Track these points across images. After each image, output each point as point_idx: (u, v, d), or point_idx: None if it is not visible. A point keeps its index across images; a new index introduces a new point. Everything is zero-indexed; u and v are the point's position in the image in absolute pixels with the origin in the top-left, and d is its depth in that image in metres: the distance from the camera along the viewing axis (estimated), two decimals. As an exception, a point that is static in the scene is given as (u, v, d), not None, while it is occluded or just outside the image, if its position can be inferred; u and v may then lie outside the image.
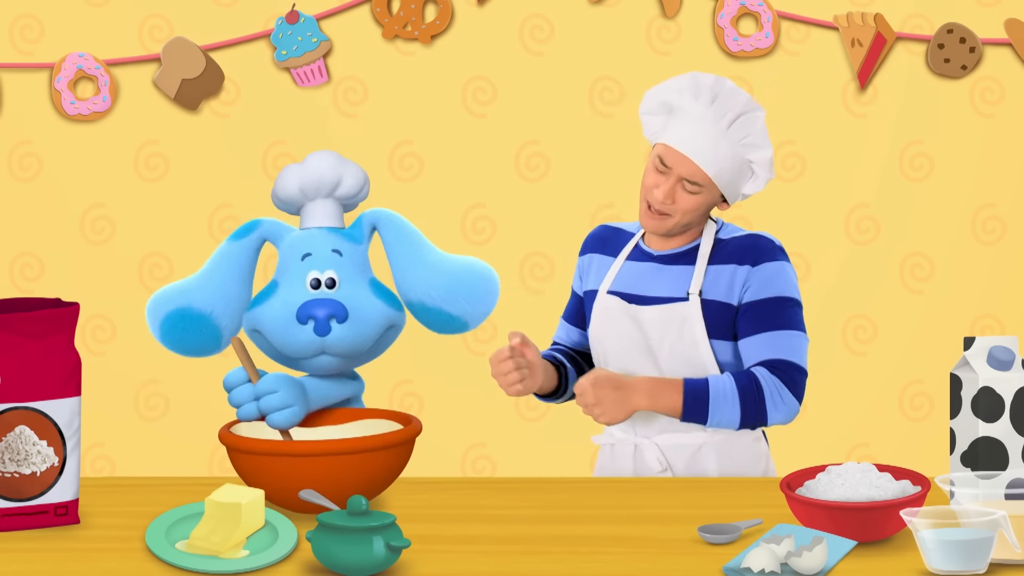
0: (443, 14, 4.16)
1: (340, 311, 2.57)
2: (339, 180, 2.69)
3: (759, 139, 2.84)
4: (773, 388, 2.77)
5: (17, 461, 2.37)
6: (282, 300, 2.61)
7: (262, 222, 2.70)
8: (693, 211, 2.83)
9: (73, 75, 4.13)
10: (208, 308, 2.64)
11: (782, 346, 2.81)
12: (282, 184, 2.68)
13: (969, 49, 4.14)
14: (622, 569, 2.16)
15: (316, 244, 2.64)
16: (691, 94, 2.86)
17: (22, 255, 4.23)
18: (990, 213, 4.22)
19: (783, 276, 2.85)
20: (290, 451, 2.38)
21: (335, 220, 2.70)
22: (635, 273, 2.92)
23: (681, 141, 2.81)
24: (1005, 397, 2.47)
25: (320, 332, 2.57)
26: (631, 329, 2.87)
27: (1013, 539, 2.10)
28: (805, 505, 2.25)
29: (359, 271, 2.65)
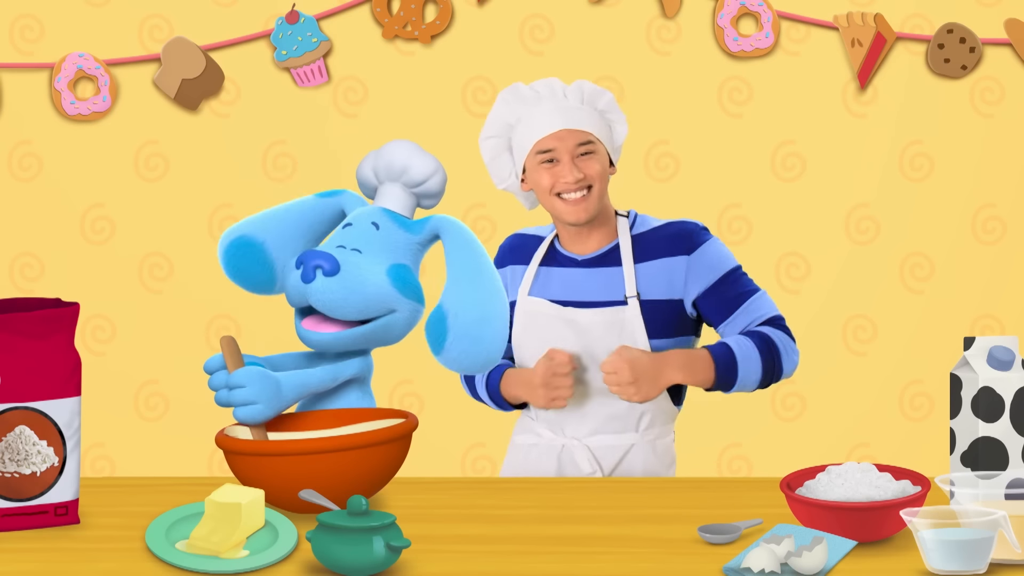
0: (443, 14, 4.16)
1: (331, 264, 2.54)
2: (407, 166, 2.67)
3: (595, 92, 2.91)
4: (783, 340, 2.88)
5: (17, 461, 2.37)
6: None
7: (347, 191, 2.72)
8: (600, 178, 2.87)
9: (73, 75, 4.13)
10: (261, 237, 2.65)
11: (764, 306, 2.90)
12: (361, 166, 2.72)
13: (969, 49, 4.14)
14: (622, 569, 2.16)
15: (362, 217, 2.63)
16: (517, 101, 2.92)
17: (22, 255, 4.23)
18: (990, 213, 4.22)
19: (721, 251, 2.91)
20: (286, 451, 2.39)
21: (398, 204, 2.68)
22: (562, 278, 2.94)
23: (548, 125, 2.87)
24: (1005, 397, 2.47)
25: (305, 278, 2.54)
26: (564, 332, 2.89)
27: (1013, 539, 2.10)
28: (805, 505, 2.25)
29: (388, 251, 2.61)
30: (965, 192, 4.22)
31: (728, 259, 2.91)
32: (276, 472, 2.39)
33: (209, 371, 2.57)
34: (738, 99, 4.20)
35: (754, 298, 2.90)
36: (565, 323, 2.89)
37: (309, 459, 2.38)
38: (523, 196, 3.00)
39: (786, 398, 4.23)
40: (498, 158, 2.96)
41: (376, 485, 2.46)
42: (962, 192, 4.22)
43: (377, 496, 2.56)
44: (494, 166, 2.97)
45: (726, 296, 2.88)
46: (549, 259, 2.97)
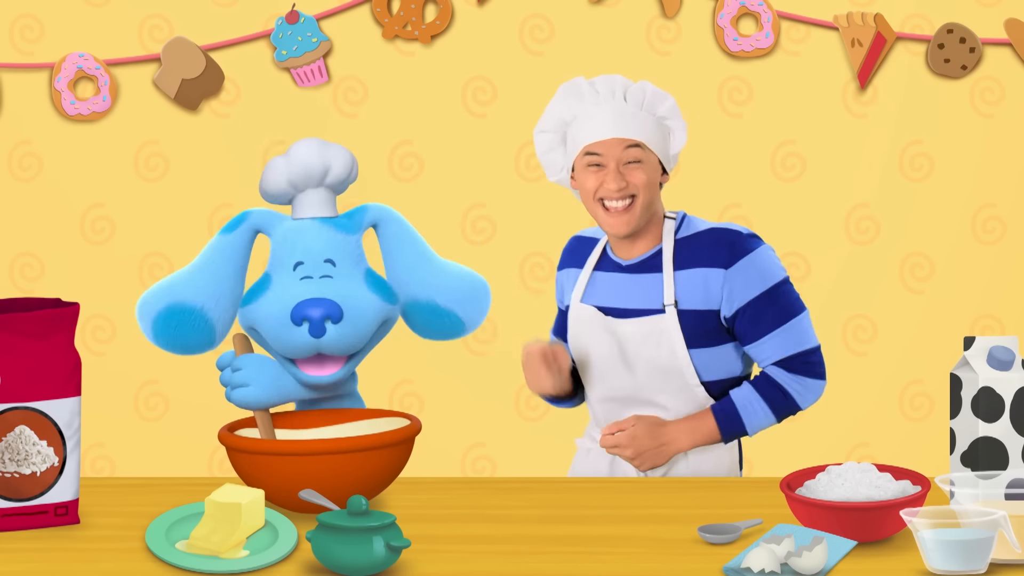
0: (443, 14, 4.16)
1: (335, 311, 2.53)
2: (327, 167, 2.63)
3: (655, 96, 2.86)
4: (794, 384, 2.82)
5: (17, 461, 2.37)
6: (276, 296, 2.57)
7: (251, 213, 2.65)
8: (646, 188, 2.81)
9: (73, 75, 4.13)
10: (199, 302, 2.60)
11: (790, 340, 2.80)
12: (269, 178, 2.63)
13: (969, 49, 4.14)
14: (622, 569, 2.16)
15: (308, 245, 2.59)
16: (575, 98, 2.88)
17: (22, 255, 4.23)
18: (990, 213, 4.22)
19: (762, 263, 2.80)
20: (289, 451, 2.38)
21: (327, 209, 2.65)
22: (607, 284, 2.90)
23: (599, 130, 2.82)
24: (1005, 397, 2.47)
25: (315, 334, 2.53)
26: (609, 341, 2.86)
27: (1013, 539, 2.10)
28: (805, 505, 2.25)
29: (353, 263, 2.61)
30: (965, 192, 4.22)
31: (768, 272, 2.79)
32: (278, 471, 2.39)
33: (221, 367, 2.57)
34: (738, 99, 4.20)
35: (791, 324, 2.80)
36: (607, 331, 2.86)
37: (311, 459, 2.38)
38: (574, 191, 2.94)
39: (786, 398, 4.23)
40: (551, 152, 2.91)
41: (377, 488, 2.46)
42: (962, 192, 4.22)
43: (377, 496, 2.56)
44: (547, 159, 2.92)
45: (761, 316, 2.78)
46: (601, 263, 2.93)
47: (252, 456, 2.41)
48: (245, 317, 2.62)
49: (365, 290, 2.60)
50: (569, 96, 2.88)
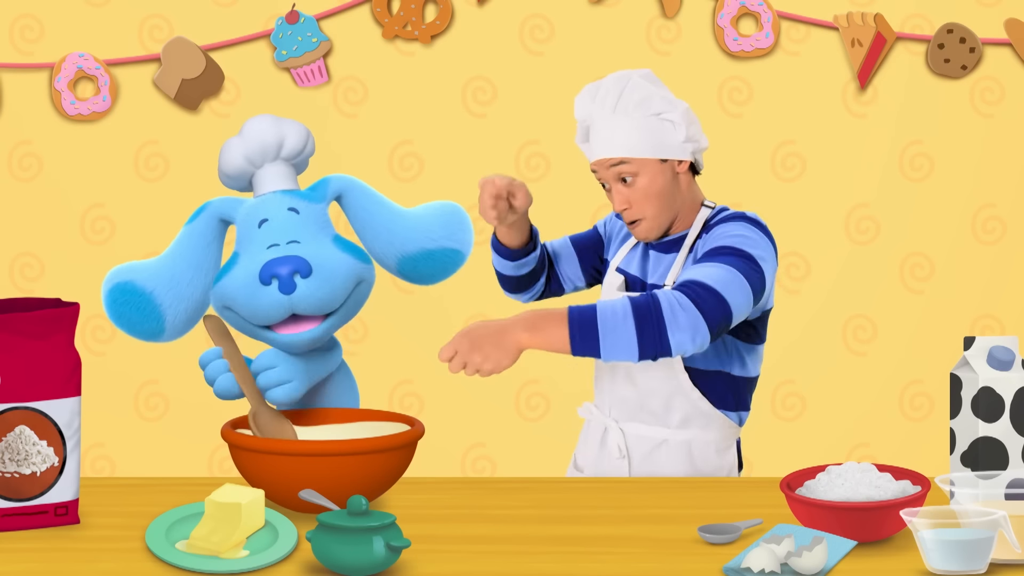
0: (443, 14, 4.16)
1: (303, 266, 2.49)
2: (282, 140, 2.61)
3: (643, 92, 2.81)
4: (673, 303, 2.48)
5: (17, 461, 2.37)
6: (243, 267, 2.54)
7: (211, 202, 2.63)
8: (649, 198, 2.80)
9: (73, 75, 4.13)
10: (149, 287, 2.59)
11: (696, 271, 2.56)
12: (226, 158, 2.61)
13: (969, 49, 4.14)
14: (622, 569, 2.16)
15: (271, 207, 2.57)
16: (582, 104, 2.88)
17: (22, 255, 4.23)
18: (990, 213, 4.22)
19: (733, 231, 2.68)
20: (292, 450, 2.38)
21: (288, 182, 2.63)
22: (637, 257, 2.94)
23: (591, 152, 2.84)
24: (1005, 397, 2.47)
25: (285, 289, 2.49)
26: None
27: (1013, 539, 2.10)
28: (805, 505, 2.25)
29: (319, 228, 2.58)
30: (965, 192, 4.22)
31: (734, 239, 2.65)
32: (280, 471, 2.39)
33: (206, 362, 2.55)
34: (738, 99, 4.20)
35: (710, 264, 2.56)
36: None
37: (314, 460, 2.38)
38: None
39: (786, 398, 4.23)
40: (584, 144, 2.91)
41: (378, 490, 2.46)
42: (962, 192, 4.22)
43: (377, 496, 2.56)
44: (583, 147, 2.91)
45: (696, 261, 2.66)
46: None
47: (255, 454, 2.41)
48: (217, 298, 2.59)
49: (334, 249, 2.57)
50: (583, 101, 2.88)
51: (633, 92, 2.83)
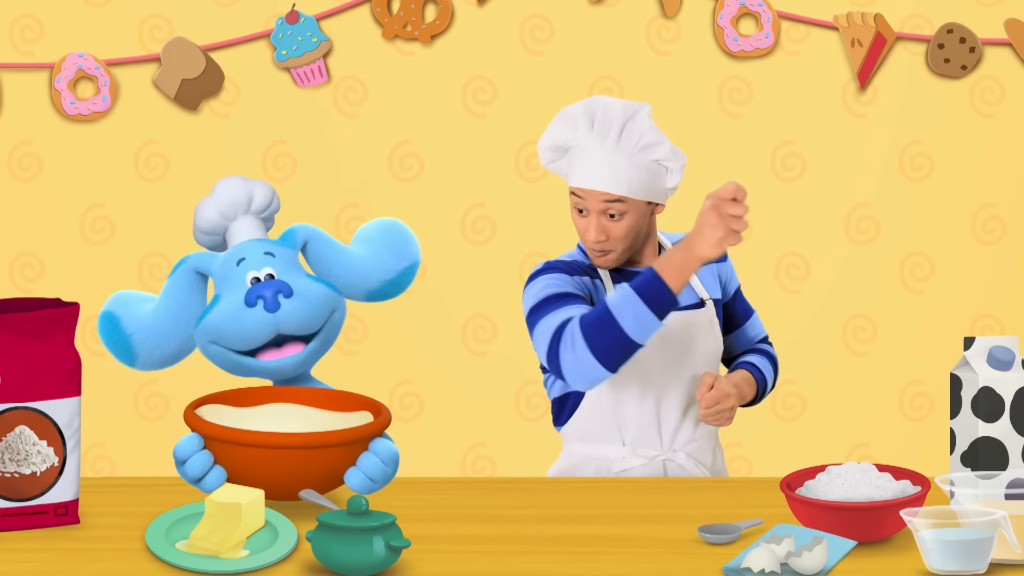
0: (443, 14, 4.16)
1: (285, 287, 2.62)
2: (251, 195, 2.76)
3: (651, 136, 2.81)
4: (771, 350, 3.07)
5: (17, 461, 2.37)
6: (226, 301, 2.65)
7: (189, 256, 2.74)
8: (627, 235, 2.82)
9: (73, 75, 4.13)
10: (131, 330, 2.69)
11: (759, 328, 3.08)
12: (201, 216, 2.76)
13: (969, 49, 4.14)
14: (622, 569, 2.16)
15: (247, 250, 2.70)
16: (570, 127, 2.84)
17: (22, 255, 4.23)
18: (990, 213, 4.22)
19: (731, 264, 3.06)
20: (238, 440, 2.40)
21: (260, 233, 2.76)
22: None
23: (582, 178, 2.80)
24: (1005, 397, 2.47)
25: (270, 308, 2.60)
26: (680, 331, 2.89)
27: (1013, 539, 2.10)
28: (805, 505, 2.25)
29: (293, 267, 2.70)
30: (965, 192, 4.22)
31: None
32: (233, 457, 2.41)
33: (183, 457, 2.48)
34: (738, 99, 4.20)
35: (755, 317, 3.07)
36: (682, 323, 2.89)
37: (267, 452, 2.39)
38: None
39: (786, 398, 4.23)
40: (554, 163, 2.89)
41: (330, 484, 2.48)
42: (962, 192, 4.22)
43: (377, 496, 2.56)
44: (552, 168, 2.90)
45: (739, 308, 3.03)
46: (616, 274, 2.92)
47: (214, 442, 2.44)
48: (203, 334, 2.66)
49: (310, 280, 2.70)
50: (564, 126, 2.84)
51: (641, 132, 2.82)
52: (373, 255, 2.82)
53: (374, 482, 2.47)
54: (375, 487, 2.47)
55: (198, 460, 2.44)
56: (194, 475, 2.44)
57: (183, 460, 2.45)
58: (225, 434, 2.41)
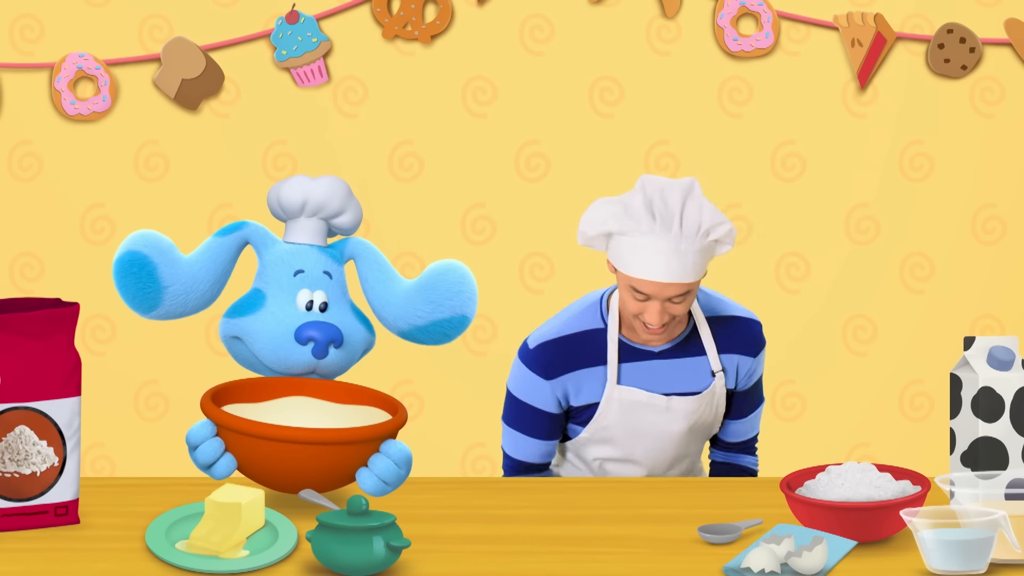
0: (443, 14, 4.16)
1: (338, 337, 2.60)
2: (343, 210, 2.72)
3: (711, 217, 2.77)
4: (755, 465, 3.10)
5: (17, 461, 2.37)
6: (273, 315, 2.63)
7: (247, 224, 2.71)
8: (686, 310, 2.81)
9: (73, 75, 4.13)
10: (167, 282, 2.64)
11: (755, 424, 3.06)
12: (288, 191, 2.69)
13: (969, 49, 4.13)
14: (622, 569, 2.16)
15: (308, 261, 2.67)
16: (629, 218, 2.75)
17: (22, 255, 4.23)
18: (990, 213, 4.22)
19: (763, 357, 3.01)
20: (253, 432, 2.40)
21: (322, 240, 2.73)
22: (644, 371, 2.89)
23: (649, 271, 2.73)
24: (1005, 397, 2.47)
25: (318, 355, 2.60)
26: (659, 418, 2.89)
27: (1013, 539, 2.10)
28: (805, 505, 2.25)
29: (343, 294, 2.70)
30: (965, 192, 4.21)
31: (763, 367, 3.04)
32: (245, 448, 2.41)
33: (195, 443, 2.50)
34: (738, 99, 4.20)
35: (759, 411, 3.05)
36: (659, 411, 2.88)
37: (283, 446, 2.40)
38: None
39: (786, 398, 4.23)
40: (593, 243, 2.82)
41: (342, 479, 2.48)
42: (962, 192, 4.21)
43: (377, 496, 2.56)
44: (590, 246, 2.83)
45: (748, 400, 3.01)
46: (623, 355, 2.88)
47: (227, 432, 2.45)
48: (232, 327, 2.66)
49: (354, 320, 2.69)
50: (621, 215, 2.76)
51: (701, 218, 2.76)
52: (413, 295, 2.75)
53: (387, 485, 2.47)
54: (388, 490, 2.47)
55: (209, 447, 2.45)
56: (205, 461, 2.45)
57: (195, 445, 2.47)
58: (238, 424, 2.42)
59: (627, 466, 2.94)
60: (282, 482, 2.45)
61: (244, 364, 2.69)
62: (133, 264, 2.63)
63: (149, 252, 2.63)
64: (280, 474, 2.43)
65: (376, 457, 2.47)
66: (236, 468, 2.47)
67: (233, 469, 2.46)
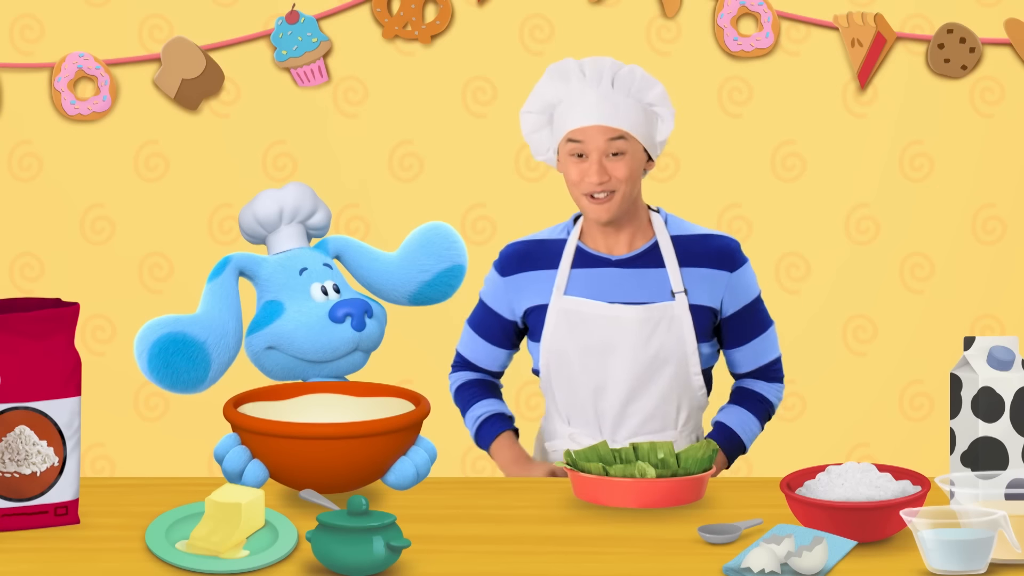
0: (443, 14, 4.16)
1: (369, 307, 2.67)
2: (315, 210, 2.78)
3: (644, 82, 2.86)
4: (771, 391, 3.02)
5: (17, 461, 2.37)
6: (299, 311, 2.66)
7: (232, 257, 2.73)
8: (628, 178, 2.83)
9: (73, 75, 4.13)
10: (202, 336, 2.62)
11: (765, 350, 2.99)
12: (262, 206, 2.75)
13: (969, 49, 4.14)
14: (622, 569, 2.16)
15: (306, 259, 2.72)
16: (562, 80, 2.86)
17: (22, 255, 4.23)
18: (990, 213, 4.22)
19: (751, 276, 2.97)
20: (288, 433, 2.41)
21: (306, 243, 2.79)
22: (594, 279, 2.91)
23: (583, 116, 2.82)
24: (1005, 397, 2.47)
25: (358, 327, 2.64)
26: (608, 330, 2.87)
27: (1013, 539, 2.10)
28: (805, 505, 2.25)
29: (346, 282, 2.75)
30: (965, 192, 4.22)
31: (755, 286, 2.98)
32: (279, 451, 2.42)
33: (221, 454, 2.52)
34: (738, 99, 4.20)
35: (765, 335, 2.98)
36: (608, 321, 2.86)
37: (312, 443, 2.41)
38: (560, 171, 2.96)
39: (786, 398, 4.23)
40: (537, 132, 2.93)
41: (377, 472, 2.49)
42: (962, 192, 4.21)
43: (377, 496, 2.56)
44: (533, 139, 2.94)
45: (746, 325, 2.96)
46: (580, 261, 2.93)
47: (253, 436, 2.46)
48: (262, 340, 2.67)
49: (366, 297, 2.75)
50: (556, 78, 2.88)
51: (633, 76, 2.86)
52: (409, 257, 2.85)
53: (419, 477, 2.53)
54: (417, 482, 2.53)
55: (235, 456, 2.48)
56: (233, 470, 2.47)
57: (221, 456, 2.49)
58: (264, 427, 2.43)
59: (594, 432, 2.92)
60: (313, 481, 2.46)
61: (281, 375, 2.70)
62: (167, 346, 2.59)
63: (169, 329, 2.60)
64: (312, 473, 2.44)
65: (415, 449, 2.53)
66: (268, 476, 2.48)
67: (265, 477, 2.48)
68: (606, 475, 2.48)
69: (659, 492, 2.45)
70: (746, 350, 2.97)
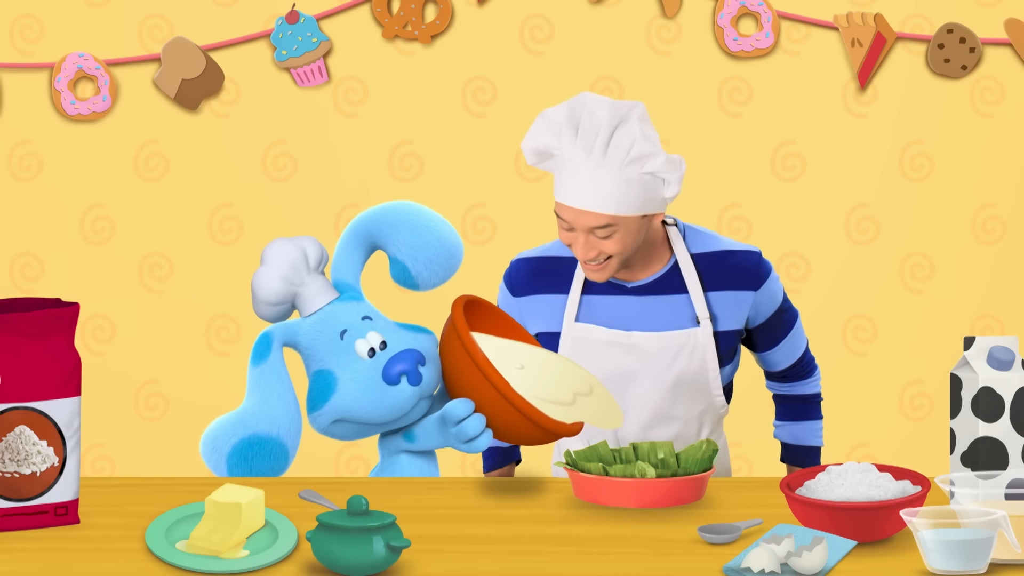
0: (443, 14, 4.16)
1: (419, 356, 2.60)
2: (304, 252, 2.65)
3: (642, 147, 2.61)
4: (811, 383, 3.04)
5: (17, 461, 2.37)
6: (352, 379, 2.60)
7: (272, 331, 2.64)
8: (623, 249, 2.67)
9: (73, 75, 4.13)
10: (274, 430, 2.59)
11: (796, 345, 2.98)
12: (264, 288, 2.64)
13: (969, 49, 4.14)
14: (622, 569, 2.16)
15: (343, 317, 2.63)
16: (552, 134, 2.63)
17: (22, 255, 4.23)
18: (990, 213, 4.22)
19: (776, 283, 2.91)
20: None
21: (330, 291, 2.67)
22: (611, 306, 2.79)
23: (570, 194, 2.61)
24: (1005, 397, 2.47)
25: (414, 382, 2.58)
26: (621, 359, 2.79)
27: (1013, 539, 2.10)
28: (805, 505, 2.25)
29: (388, 324, 2.65)
30: (965, 192, 4.22)
31: (780, 291, 2.92)
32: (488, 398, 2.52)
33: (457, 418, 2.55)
34: (738, 99, 4.20)
35: (792, 333, 2.96)
36: (627, 349, 2.77)
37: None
38: None
39: (786, 398, 4.23)
40: (540, 164, 2.71)
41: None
42: (962, 192, 4.22)
43: (377, 496, 2.56)
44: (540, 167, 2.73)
45: (774, 329, 2.92)
46: (591, 287, 2.78)
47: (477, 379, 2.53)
48: (326, 416, 2.62)
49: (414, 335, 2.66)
50: (546, 130, 2.64)
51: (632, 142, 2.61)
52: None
53: None
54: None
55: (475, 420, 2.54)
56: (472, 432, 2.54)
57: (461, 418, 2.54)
58: None
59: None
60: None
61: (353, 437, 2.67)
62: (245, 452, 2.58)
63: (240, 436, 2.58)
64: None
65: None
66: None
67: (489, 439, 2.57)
68: (606, 475, 2.48)
69: (659, 492, 2.45)
70: (779, 351, 2.95)
